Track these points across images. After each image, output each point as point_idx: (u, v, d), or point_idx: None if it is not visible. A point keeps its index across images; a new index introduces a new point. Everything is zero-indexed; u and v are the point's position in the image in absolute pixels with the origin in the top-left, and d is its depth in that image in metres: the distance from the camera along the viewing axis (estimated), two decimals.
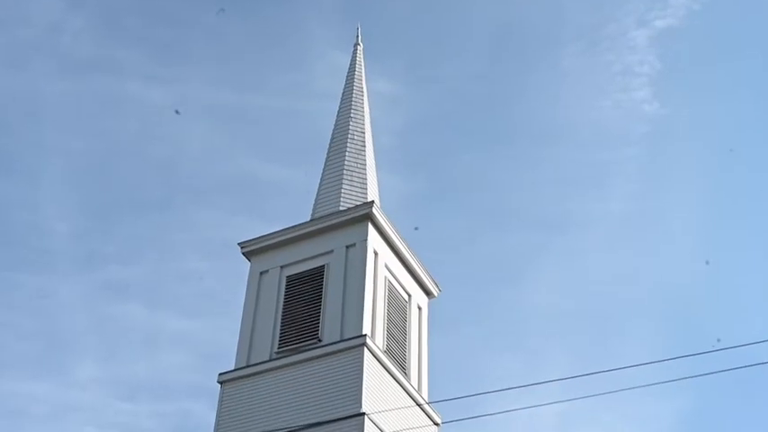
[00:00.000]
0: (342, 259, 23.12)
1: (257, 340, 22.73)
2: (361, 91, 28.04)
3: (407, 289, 24.58)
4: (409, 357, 23.44)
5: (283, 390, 21.24)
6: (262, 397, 21.38)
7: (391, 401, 21.14)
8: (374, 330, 21.98)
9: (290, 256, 23.92)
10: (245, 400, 21.54)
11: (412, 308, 24.50)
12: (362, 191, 25.48)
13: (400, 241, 24.33)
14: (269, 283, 23.70)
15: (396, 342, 23.05)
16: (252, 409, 21.25)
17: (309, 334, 22.18)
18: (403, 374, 22.46)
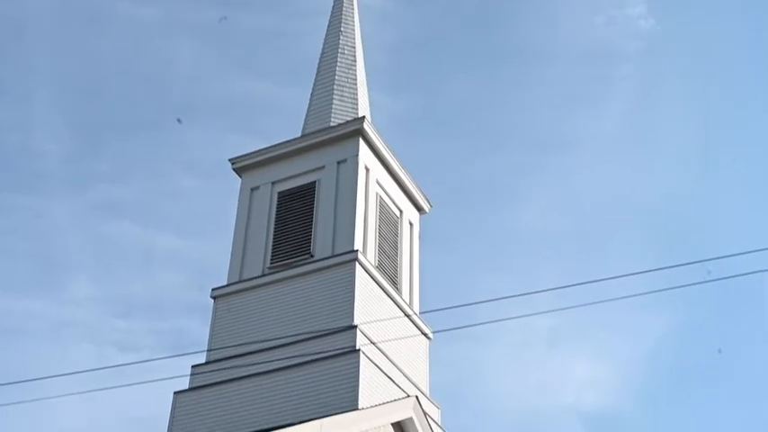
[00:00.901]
0: (333, 175, 23.09)
1: (249, 256, 22.83)
2: (351, 5, 27.63)
3: (399, 205, 24.62)
4: (401, 273, 23.59)
5: (276, 304, 21.41)
6: (254, 312, 21.56)
7: (383, 315, 21.34)
8: (366, 246, 22.08)
9: (281, 172, 23.88)
10: (239, 314, 21.73)
11: (403, 224, 24.57)
12: (353, 107, 25.31)
13: (391, 157, 24.27)
14: (260, 199, 23.70)
15: (387, 257, 23.17)
16: (245, 323, 21.44)
17: (301, 249, 22.27)
18: (394, 289, 22.63)
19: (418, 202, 25.42)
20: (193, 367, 21.18)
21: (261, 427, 17.98)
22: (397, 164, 24.51)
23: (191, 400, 20.48)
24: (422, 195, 25.48)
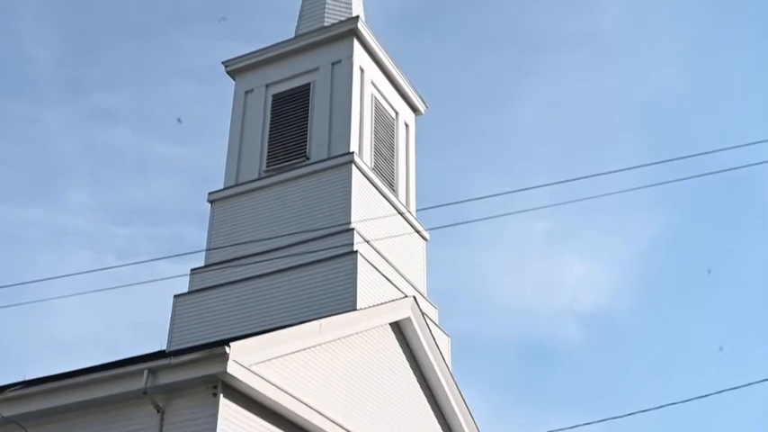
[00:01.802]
0: (327, 77, 22.84)
1: (245, 160, 22.74)
2: None
3: (394, 106, 24.42)
4: (397, 174, 23.56)
5: (272, 207, 21.43)
6: (251, 215, 21.58)
7: (379, 215, 21.38)
8: (361, 147, 21.98)
9: (275, 74, 23.61)
10: (235, 218, 21.76)
11: (399, 125, 24.41)
12: (347, 7, 24.87)
13: (386, 58, 23.96)
14: (255, 102, 23.49)
15: (383, 159, 23.10)
16: (242, 227, 21.48)
17: (297, 152, 22.18)
18: (391, 191, 22.63)
19: (414, 103, 25.22)
20: (192, 270, 21.31)
21: (260, 329, 18.17)
22: (392, 64, 24.22)
23: (190, 302, 20.66)
24: (417, 96, 25.26)
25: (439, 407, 21.35)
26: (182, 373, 14.72)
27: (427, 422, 20.84)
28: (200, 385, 14.73)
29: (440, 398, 21.31)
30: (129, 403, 15.26)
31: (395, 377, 20.01)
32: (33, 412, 16.00)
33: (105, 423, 15.48)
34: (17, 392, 16.15)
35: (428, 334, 20.84)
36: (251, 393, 15.11)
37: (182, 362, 14.74)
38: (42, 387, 16.07)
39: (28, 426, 16.00)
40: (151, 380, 14.81)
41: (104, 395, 15.36)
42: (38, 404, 15.97)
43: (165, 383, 14.79)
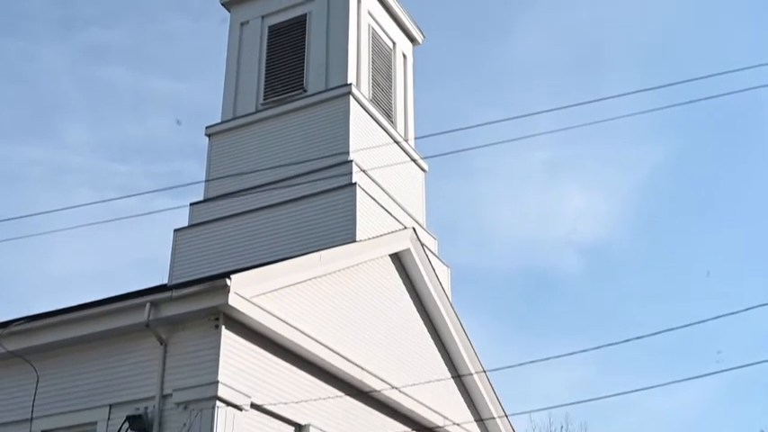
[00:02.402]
0: (324, 7, 22.57)
1: (242, 93, 22.59)
2: None
3: (391, 36, 24.17)
4: (395, 106, 23.42)
5: (270, 140, 21.35)
6: (249, 148, 21.52)
7: (378, 149, 21.33)
8: (359, 79, 21.82)
9: (271, 5, 23.31)
10: (233, 152, 21.69)
11: (397, 56, 24.20)
12: None
13: None
14: (250, 34, 23.24)
15: (381, 90, 22.94)
16: (240, 160, 21.44)
17: (294, 84, 22.02)
18: (389, 122, 22.53)
19: (411, 34, 24.96)
20: (191, 205, 21.32)
21: (261, 261, 18.24)
22: None
23: (190, 237, 20.72)
24: (414, 26, 24.99)
25: (439, 336, 21.55)
26: (183, 306, 14.85)
27: (427, 352, 21.07)
28: (202, 317, 14.86)
29: (440, 327, 21.51)
30: (133, 336, 15.42)
31: (395, 308, 20.17)
32: (38, 346, 16.17)
33: (109, 356, 15.66)
34: (21, 327, 16.30)
35: (428, 264, 20.95)
36: (252, 325, 15.25)
37: (183, 294, 14.85)
38: (46, 321, 16.22)
39: (33, 360, 16.18)
40: (153, 313, 14.94)
41: (107, 328, 15.52)
42: (42, 338, 16.14)
43: (167, 316, 14.93)
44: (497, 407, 22.22)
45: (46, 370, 16.17)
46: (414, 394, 18.78)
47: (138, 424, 14.55)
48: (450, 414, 20.20)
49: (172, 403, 14.61)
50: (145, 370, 15.21)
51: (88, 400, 15.59)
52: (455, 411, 20.96)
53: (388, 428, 18.08)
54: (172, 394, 14.64)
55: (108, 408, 15.31)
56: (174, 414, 14.54)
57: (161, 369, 14.98)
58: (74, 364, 16.03)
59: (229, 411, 14.40)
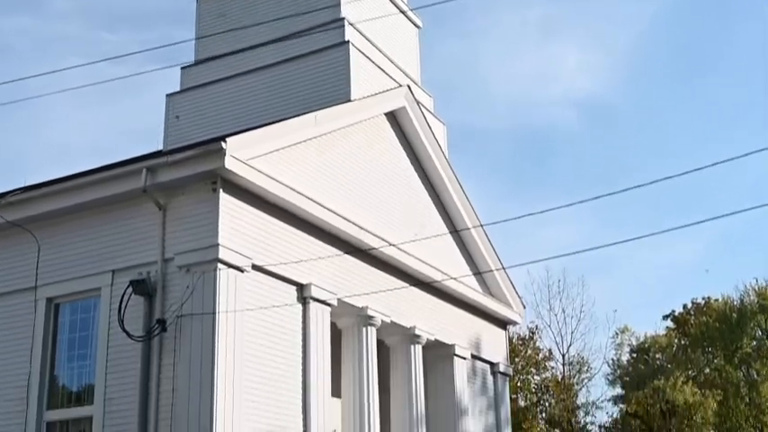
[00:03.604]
0: None
1: None
2: None
3: None
4: None
5: (262, 4, 20.86)
6: (240, 7, 21.06)
7: (371, 5, 20.88)
8: None
9: None
10: (223, 11, 21.25)
11: None
12: None
13: None
14: None
15: None
16: (230, 18, 21.01)
17: None
18: None
19: None
20: (183, 69, 21.02)
21: (256, 124, 18.12)
22: None
23: (183, 101, 20.52)
24: None
25: (436, 193, 21.66)
26: (180, 171, 14.84)
27: (425, 208, 21.22)
28: (200, 182, 14.87)
29: (436, 184, 21.58)
30: (131, 203, 15.47)
31: (391, 166, 20.19)
32: (37, 215, 16.25)
33: (109, 223, 15.75)
34: (20, 197, 16.34)
35: (423, 122, 20.84)
36: (250, 188, 15.28)
37: (179, 159, 14.82)
38: (44, 190, 16.24)
39: (33, 229, 16.29)
40: (150, 178, 14.94)
41: (105, 195, 15.56)
42: (41, 207, 16.20)
43: (164, 182, 14.94)
44: (495, 260, 22.55)
45: (46, 239, 16.30)
46: (412, 251, 19.02)
47: (141, 288, 14.78)
48: (448, 269, 20.51)
49: (174, 267, 14.80)
50: (145, 235, 15.33)
51: (91, 266, 15.78)
52: (453, 266, 21.29)
53: (388, 285, 18.39)
54: (174, 258, 14.81)
55: (111, 273, 15.51)
56: (176, 278, 14.76)
57: (161, 234, 15.11)
58: (74, 232, 16.15)
59: (231, 273, 14.60)
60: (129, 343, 14.70)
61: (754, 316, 47.77)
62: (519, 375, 40.44)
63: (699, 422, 43.26)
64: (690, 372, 46.72)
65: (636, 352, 50.12)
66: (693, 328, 49.64)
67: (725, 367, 47.33)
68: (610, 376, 49.55)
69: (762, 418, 45.50)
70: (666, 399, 43.72)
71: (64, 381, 16.01)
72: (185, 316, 14.38)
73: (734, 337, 47.32)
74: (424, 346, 20.04)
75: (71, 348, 16.02)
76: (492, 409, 22.84)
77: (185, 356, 14.23)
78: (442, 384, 21.04)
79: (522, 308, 24.53)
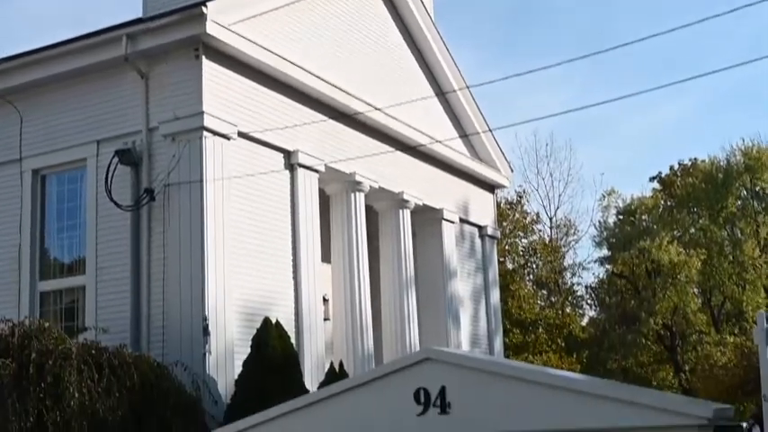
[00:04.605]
0: None
1: None
2: None
3: None
4: None
5: None
6: None
7: None
8: None
9: None
10: None
11: None
12: None
13: None
14: None
15: None
16: None
17: None
18: None
19: None
20: None
21: None
22: None
23: None
24: None
25: (422, 56, 21.35)
26: (161, 37, 14.57)
27: (411, 72, 20.96)
28: (182, 49, 14.61)
29: (422, 46, 21.26)
30: (113, 71, 15.25)
31: (376, 30, 19.84)
32: (18, 86, 16.05)
33: (92, 92, 15.56)
34: None
35: None
36: (234, 53, 15.02)
37: (160, 25, 14.53)
38: (24, 60, 15.97)
39: (14, 100, 16.10)
40: (131, 46, 14.69)
41: (86, 64, 15.33)
42: (21, 77, 15.99)
43: (145, 49, 14.70)
44: (482, 123, 22.44)
45: (29, 110, 16.12)
46: (398, 115, 18.89)
47: (127, 158, 14.71)
48: (435, 134, 20.44)
49: (159, 136, 14.71)
50: (129, 105, 15.16)
51: (75, 137, 15.67)
52: (440, 131, 21.20)
53: (375, 150, 18.34)
54: (158, 127, 14.70)
55: (96, 144, 15.42)
56: (162, 147, 14.68)
57: (145, 103, 14.95)
58: (57, 103, 15.96)
59: (217, 141, 14.52)
60: (118, 213, 14.75)
61: (739, 176, 48.10)
62: (506, 239, 40.95)
63: (683, 281, 44.15)
64: (675, 232, 47.37)
65: (622, 214, 50.67)
66: (680, 189, 50.05)
67: (710, 227, 47.98)
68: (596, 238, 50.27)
69: (744, 275, 46.41)
70: (652, 259, 44.48)
71: (54, 252, 16.14)
72: (173, 185, 14.38)
73: (719, 198, 47.76)
74: (413, 210, 20.16)
75: (60, 219, 16.08)
76: (480, 272, 23.20)
77: (174, 225, 14.30)
78: (430, 248, 21.28)
79: (509, 171, 24.60)
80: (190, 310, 13.91)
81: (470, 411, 4.22)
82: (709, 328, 47.02)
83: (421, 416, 4.31)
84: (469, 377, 4.20)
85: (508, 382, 4.11)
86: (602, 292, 49.66)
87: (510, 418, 4.15)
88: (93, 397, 11.48)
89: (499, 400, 4.17)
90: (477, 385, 4.21)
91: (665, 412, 3.69)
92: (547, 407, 4.05)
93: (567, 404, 3.96)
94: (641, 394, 3.89)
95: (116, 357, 12.12)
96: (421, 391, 4.31)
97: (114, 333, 13.58)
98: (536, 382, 4.04)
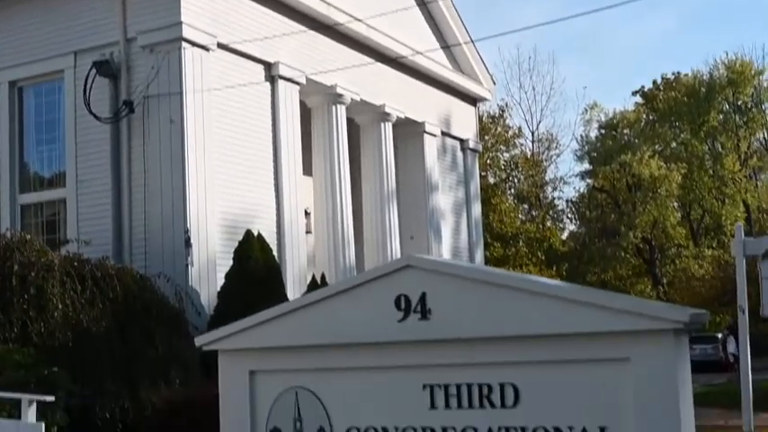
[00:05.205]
0: None
1: None
2: None
3: None
4: None
5: None
6: None
7: None
8: None
9: None
10: None
11: None
12: None
13: None
14: None
15: None
16: None
17: None
18: None
19: None
20: None
21: None
22: None
23: None
24: None
25: None
26: None
27: None
28: None
29: None
30: None
31: None
32: None
33: (68, 3, 15.31)
34: None
35: None
36: None
37: None
38: None
39: None
40: None
41: None
42: None
43: None
44: (464, 34, 22.16)
45: (4, 21, 15.84)
46: (379, 26, 18.64)
47: (105, 70, 14.52)
48: (417, 45, 20.21)
49: (137, 47, 14.51)
50: (106, 15, 14.91)
51: (52, 48, 15.43)
52: (422, 43, 20.96)
53: (356, 62, 18.15)
54: (136, 38, 14.47)
55: (73, 55, 15.19)
56: (140, 58, 14.49)
57: (122, 13, 14.71)
58: (32, 13, 15.68)
59: (196, 52, 14.34)
60: (97, 125, 14.62)
61: (722, 90, 48.10)
62: (488, 153, 40.97)
63: (663, 195, 44.52)
64: (656, 146, 47.53)
65: (604, 128, 50.73)
66: (662, 103, 50.03)
67: (691, 141, 48.14)
68: (578, 152, 50.45)
69: (724, 189, 46.81)
70: (633, 173, 44.74)
71: (34, 165, 16.03)
72: (152, 97, 14.24)
73: (701, 112, 47.83)
74: (394, 123, 20.08)
75: (39, 132, 15.93)
76: (461, 185, 23.25)
77: (155, 137, 14.21)
78: (412, 161, 21.27)
79: (491, 84, 24.43)
80: (171, 222, 13.93)
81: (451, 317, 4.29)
82: (688, 242, 47.62)
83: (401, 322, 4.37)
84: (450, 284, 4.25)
85: (488, 289, 4.17)
86: (582, 207, 50.06)
87: (489, 324, 4.22)
88: (77, 308, 11.54)
89: (479, 306, 4.23)
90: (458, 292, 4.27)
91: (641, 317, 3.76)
92: (525, 312, 4.12)
93: (546, 309, 4.03)
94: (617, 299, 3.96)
95: (98, 269, 12.15)
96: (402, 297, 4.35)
97: (96, 245, 13.62)
98: (515, 288, 4.10)
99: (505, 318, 4.19)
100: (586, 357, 4.05)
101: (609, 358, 3.98)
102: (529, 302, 4.11)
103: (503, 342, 4.25)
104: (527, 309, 4.10)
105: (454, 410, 4.48)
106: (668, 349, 3.85)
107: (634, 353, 3.89)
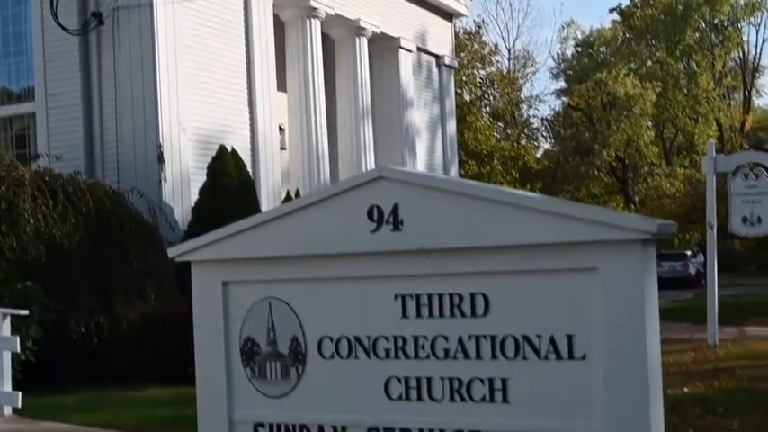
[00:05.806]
0: None
1: None
2: None
3: None
4: None
5: None
6: None
7: None
8: None
9: None
10: None
11: None
12: None
13: None
14: None
15: None
16: None
17: None
18: None
19: None
20: None
21: None
22: None
23: None
24: None
25: None
26: None
27: None
28: None
29: None
30: None
31: None
32: None
33: None
34: None
35: None
36: None
37: None
38: None
39: None
40: None
41: None
42: None
43: None
44: None
45: None
46: None
47: None
48: None
49: None
50: None
51: None
52: None
53: None
54: None
55: None
56: None
57: None
58: None
59: None
60: (66, 37, 14.35)
61: (699, 8, 47.80)
62: (464, 70, 40.69)
63: (637, 113, 44.55)
64: (632, 65, 47.40)
65: (580, 46, 50.46)
66: (639, 21, 49.68)
67: (666, 60, 48.03)
68: (554, 70, 50.25)
69: (697, 108, 46.93)
70: (608, 91, 44.65)
71: (2, 79, 15.76)
72: (122, 8, 13.96)
73: (677, 30, 47.61)
74: (370, 39, 19.84)
75: (5, 45, 15.60)
76: (437, 102, 23.14)
77: (125, 50, 13.99)
78: (387, 77, 21.09)
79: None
80: (144, 136, 13.82)
81: (423, 228, 4.30)
82: (661, 161, 47.92)
83: (374, 233, 4.37)
84: (423, 195, 4.24)
85: (460, 199, 4.17)
86: (557, 125, 50.08)
87: (461, 235, 4.23)
88: (49, 223, 11.51)
89: (452, 217, 4.23)
90: (431, 202, 4.26)
91: (609, 227, 3.79)
92: (497, 223, 4.13)
93: (517, 220, 4.04)
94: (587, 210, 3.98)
95: (70, 184, 12.09)
96: (374, 208, 4.34)
97: (68, 160, 13.49)
98: (487, 198, 4.11)
99: (477, 228, 4.20)
100: (555, 267, 4.09)
101: (577, 268, 4.01)
102: (501, 213, 4.12)
103: (474, 252, 4.27)
104: (499, 219, 4.11)
105: (425, 320, 4.53)
106: (635, 259, 3.88)
107: (602, 263, 3.92)
